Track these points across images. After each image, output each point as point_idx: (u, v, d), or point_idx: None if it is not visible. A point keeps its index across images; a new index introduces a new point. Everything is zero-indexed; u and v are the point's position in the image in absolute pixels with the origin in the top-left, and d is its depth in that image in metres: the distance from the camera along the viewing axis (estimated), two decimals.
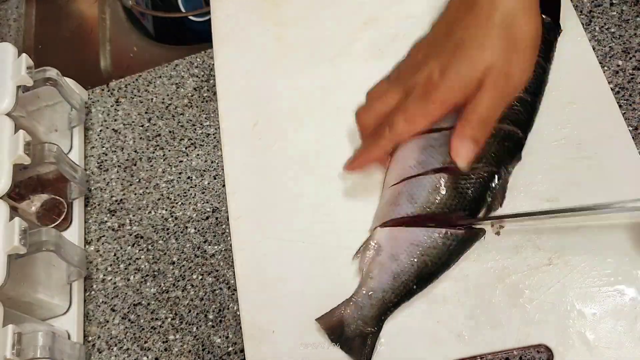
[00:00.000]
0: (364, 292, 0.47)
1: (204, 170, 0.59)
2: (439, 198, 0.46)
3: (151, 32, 0.79)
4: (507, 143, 0.47)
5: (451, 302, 0.47)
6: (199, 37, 0.77)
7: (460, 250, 0.46)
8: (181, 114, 0.62)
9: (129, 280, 0.56)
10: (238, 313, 0.50)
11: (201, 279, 0.54)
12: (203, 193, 0.58)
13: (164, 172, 0.60)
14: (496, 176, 0.46)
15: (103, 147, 0.63)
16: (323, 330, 0.47)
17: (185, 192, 0.58)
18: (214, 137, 0.60)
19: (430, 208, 0.46)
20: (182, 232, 0.57)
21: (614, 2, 0.57)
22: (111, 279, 0.56)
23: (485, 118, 0.42)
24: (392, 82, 0.48)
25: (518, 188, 0.49)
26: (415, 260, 0.46)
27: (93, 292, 0.56)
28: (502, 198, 0.47)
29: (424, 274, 0.46)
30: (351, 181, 0.52)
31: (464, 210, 0.46)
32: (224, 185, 0.56)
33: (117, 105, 0.65)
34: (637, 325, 0.44)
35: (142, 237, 0.57)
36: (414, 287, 0.46)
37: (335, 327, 0.47)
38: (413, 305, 0.47)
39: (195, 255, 0.55)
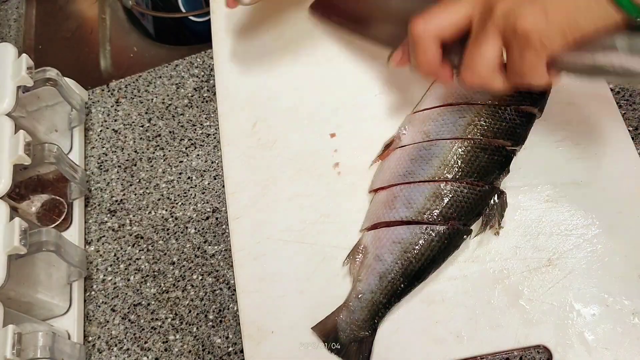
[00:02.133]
0: (354, 295, 0.47)
1: (204, 171, 0.59)
2: (436, 205, 0.46)
3: (151, 32, 0.79)
4: (496, 157, 0.47)
5: (450, 302, 0.47)
6: (199, 37, 0.77)
7: (445, 248, 0.46)
8: (181, 114, 0.62)
9: (129, 280, 0.56)
10: (238, 313, 0.50)
11: (201, 279, 0.54)
12: (203, 193, 0.58)
13: (164, 172, 0.60)
14: (496, 194, 0.47)
15: (103, 147, 0.63)
16: (319, 339, 0.47)
17: (185, 193, 0.58)
18: (214, 137, 0.60)
19: (426, 214, 0.46)
20: (182, 233, 0.57)
21: None
22: (111, 279, 0.56)
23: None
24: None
25: (518, 188, 0.49)
26: (399, 258, 0.46)
27: (93, 293, 0.56)
28: (500, 217, 0.47)
29: (410, 272, 0.46)
30: (350, 181, 0.52)
31: (459, 219, 0.46)
32: (224, 186, 0.56)
33: (117, 105, 0.65)
34: (635, 326, 0.44)
35: (142, 238, 0.57)
36: (402, 286, 0.46)
37: (330, 334, 0.47)
38: (412, 305, 0.47)
39: (196, 255, 0.55)
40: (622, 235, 0.47)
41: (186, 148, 0.60)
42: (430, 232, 0.46)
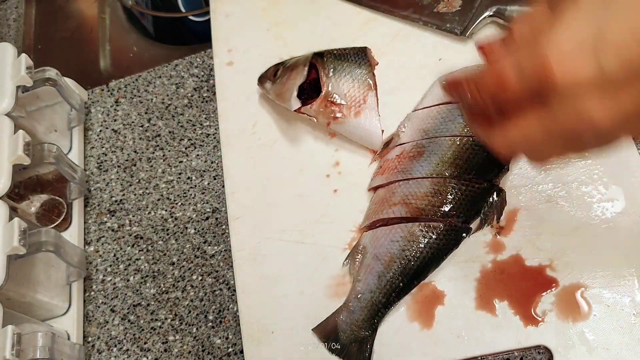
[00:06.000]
0: (354, 295, 0.47)
1: (204, 171, 0.59)
2: (434, 202, 0.46)
3: (151, 32, 0.78)
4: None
5: (450, 302, 0.47)
6: (198, 37, 0.77)
7: (444, 246, 0.46)
8: (181, 114, 0.62)
9: (128, 280, 0.56)
10: (238, 314, 0.50)
11: (201, 280, 0.54)
12: (203, 193, 0.58)
13: (163, 172, 0.60)
14: (495, 192, 0.47)
15: (103, 147, 0.62)
16: (319, 340, 0.47)
17: (185, 193, 0.58)
18: (214, 137, 0.60)
19: (425, 211, 0.46)
20: (182, 233, 0.57)
21: None
22: (111, 280, 0.56)
23: None
24: None
25: (518, 188, 0.49)
26: (397, 257, 0.46)
27: (93, 293, 0.56)
28: (499, 214, 0.47)
29: (409, 271, 0.46)
30: (350, 181, 0.52)
31: (458, 216, 0.46)
32: (224, 186, 0.56)
33: (117, 105, 0.64)
34: (636, 326, 0.44)
35: (141, 238, 0.57)
36: (401, 285, 0.46)
37: (330, 335, 0.47)
38: (412, 305, 0.47)
39: (195, 255, 0.55)
40: (623, 236, 0.47)
41: (186, 148, 0.60)
42: (429, 230, 0.46)
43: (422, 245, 0.46)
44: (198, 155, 0.60)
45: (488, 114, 0.30)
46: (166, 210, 0.58)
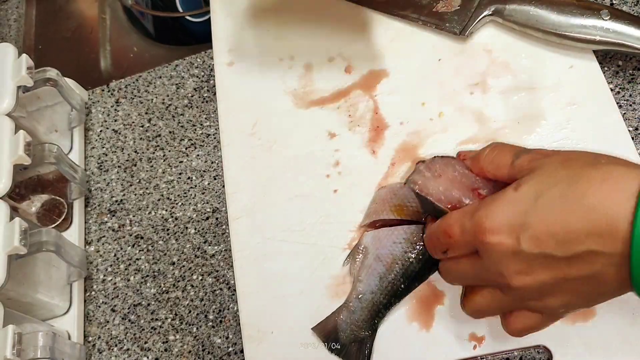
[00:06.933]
0: (354, 296, 0.47)
1: (204, 171, 0.59)
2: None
3: (151, 32, 0.79)
4: None
5: (451, 302, 0.47)
6: (198, 37, 0.78)
7: None
8: (181, 115, 0.62)
9: (129, 280, 0.56)
10: (238, 313, 0.50)
11: (201, 280, 0.54)
12: (203, 193, 0.58)
13: (164, 172, 0.60)
14: None
15: (103, 147, 0.63)
16: (319, 339, 0.47)
17: (185, 193, 0.58)
18: (214, 138, 0.60)
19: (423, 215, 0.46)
20: (182, 233, 0.57)
21: (614, 2, 0.57)
22: (111, 280, 0.56)
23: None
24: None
25: None
26: (399, 258, 0.46)
27: (93, 293, 0.56)
28: None
29: (410, 273, 0.46)
30: (350, 181, 0.52)
31: None
32: (224, 186, 0.56)
33: (117, 105, 0.65)
34: (636, 325, 0.44)
35: (142, 238, 0.57)
36: (402, 286, 0.46)
37: (330, 334, 0.47)
38: (412, 306, 0.47)
39: (196, 255, 0.55)
40: None
41: (186, 148, 0.60)
42: None
43: (425, 248, 0.45)
44: (198, 155, 0.60)
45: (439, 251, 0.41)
46: (166, 210, 0.58)
